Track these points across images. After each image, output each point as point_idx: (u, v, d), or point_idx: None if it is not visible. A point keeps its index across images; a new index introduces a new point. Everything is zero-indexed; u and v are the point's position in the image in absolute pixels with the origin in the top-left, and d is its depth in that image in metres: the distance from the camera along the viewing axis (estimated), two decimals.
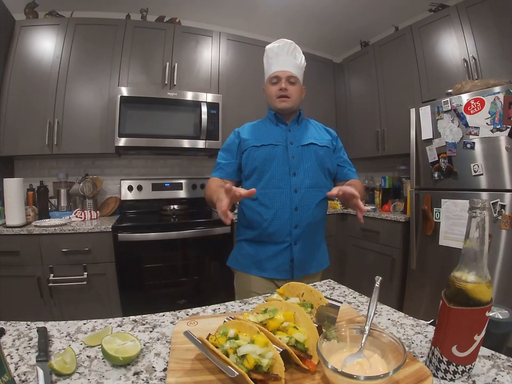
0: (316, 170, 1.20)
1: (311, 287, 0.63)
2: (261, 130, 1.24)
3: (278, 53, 1.21)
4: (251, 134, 1.24)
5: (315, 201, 1.19)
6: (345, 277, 2.71)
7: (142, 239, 1.97)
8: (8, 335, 0.59)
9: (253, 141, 1.21)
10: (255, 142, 1.21)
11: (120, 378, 0.47)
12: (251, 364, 0.44)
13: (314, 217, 1.19)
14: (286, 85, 1.18)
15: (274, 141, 1.20)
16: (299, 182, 1.17)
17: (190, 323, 0.62)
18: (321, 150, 1.22)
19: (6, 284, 1.77)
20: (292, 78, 1.20)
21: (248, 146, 1.21)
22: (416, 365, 0.47)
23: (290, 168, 1.17)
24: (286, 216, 1.15)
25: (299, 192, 1.16)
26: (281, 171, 1.17)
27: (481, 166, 1.75)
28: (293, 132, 1.24)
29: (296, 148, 1.20)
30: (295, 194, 1.15)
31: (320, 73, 3.04)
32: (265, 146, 1.19)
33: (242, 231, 1.27)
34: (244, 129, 1.28)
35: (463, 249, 0.45)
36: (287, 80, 1.19)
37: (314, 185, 1.19)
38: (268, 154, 1.18)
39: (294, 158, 1.18)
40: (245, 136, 1.24)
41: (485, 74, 1.95)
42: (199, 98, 2.38)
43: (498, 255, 1.68)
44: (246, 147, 1.22)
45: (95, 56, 2.26)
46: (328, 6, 2.57)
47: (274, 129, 1.24)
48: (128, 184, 2.53)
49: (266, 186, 1.17)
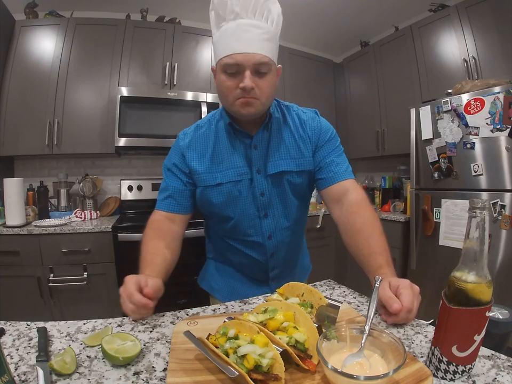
0: (293, 206, 0.92)
1: (311, 287, 0.63)
2: (214, 152, 0.87)
3: (238, 13, 0.73)
4: (200, 160, 0.87)
5: (294, 240, 0.97)
6: (345, 277, 2.71)
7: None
8: (8, 335, 0.59)
9: (205, 175, 0.86)
10: (208, 178, 0.86)
11: (120, 378, 0.47)
12: (251, 364, 0.44)
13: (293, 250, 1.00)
14: (253, 80, 0.75)
15: (235, 173, 0.86)
16: (273, 225, 0.90)
17: (190, 323, 0.62)
18: (299, 178, 0.89)
19: (6, 283, 1.77)
20: (263, 67, 0.75)
21: (200, 184, 0.87)
22: (416, 365, 0.47)
23: (260, 209, 0.88)
24: (260, 264, 0.94)
25: (274, 238, 0.91)
26: (248, 215, 0.88)
27: (481, 166, 1.75)
28: (260, 148, 0.87)
29: (265, 179, 0.87)
30: (269, 241, 0.91)
31: (320, 73, 3.04)
32: (223, 185, 0.86)
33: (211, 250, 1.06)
34: (190, 149, 0.88)
35: (463, 249, 0.45)
36: (254, 69, 0.75)
37: (292, 224, 0.93)
38: (228, 196, 0.86)
39: (264, 196, 0.87)
40: (193, 165, 0.87)
41: (485, 74, 1.95)
42: (199, 98, 2.37)
43: (498, 255, 1.68)
44: (197, 183, 0.88)
45: (95, 56, 2.26)
46: (328, 6, 2.57)
47: (232, 147, 0.87)
48: (128, 184, 2.52)
49: (232, 234, 0.92)
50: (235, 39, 0.74)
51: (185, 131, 0.94)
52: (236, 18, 0.74)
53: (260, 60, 0.74)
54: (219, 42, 0.77)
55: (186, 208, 0.90)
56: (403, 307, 0.58)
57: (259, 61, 0.74)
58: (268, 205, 0.89)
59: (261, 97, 0.78)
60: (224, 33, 0.76)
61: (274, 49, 0.79)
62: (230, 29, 0.75)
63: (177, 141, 0.92)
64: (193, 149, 0.89)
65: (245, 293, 0.93)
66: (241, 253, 0.94)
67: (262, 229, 0.90)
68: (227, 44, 0.75)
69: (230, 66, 0.75)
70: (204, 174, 0.87)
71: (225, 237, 0.95)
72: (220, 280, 1.01)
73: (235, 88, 0.76)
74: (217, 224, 0.95)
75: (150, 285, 0.67)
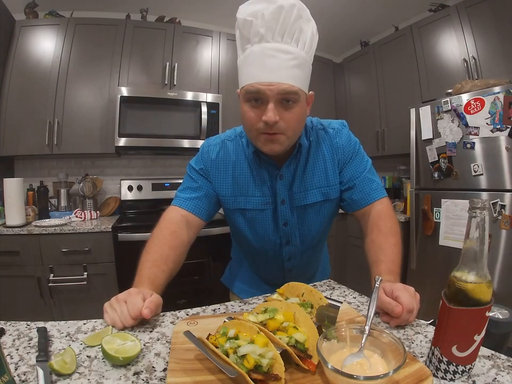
0: (316, 233, 0.89)
1: (311, 287, 0.63)
2: (238, 175, 0.83)
3: (263, 35, 0.64)
4: (223, 182, 0.84)
5: (314, 257, 0.97)
6: (345, 277, 2.71)
7: (142, 239, 1.95)
8: (8, 335, 0.59)
9: (228, 198, 0.84)
10: (231, 202, 0.84)
11: (120, 378, 0.47)
12: (251, 364, 0.43)
13: (312, 263, 1.00)
14: (277, 113, 0.66)
15: (259, 202, 0.83)
16: (293, 250, 0.89)
17: (190, 323, 0.62)
18: (325, 207, 0.85)
19: (6, 283, 1.77)
20: (290, 97, 0.67)
21: (223, 206, 0.88)
22: (416, 365, 0.47)
23: (282, 237, 0.86)
24: (276, 274, 0.95)
25: (293, 259, 0.91)
26: (269, 241, 0.87)
27: (481, 166, 1.75)
28: (286, 179, 0.81)
29: (290, 210, 0.83)
30: (288, 262, 0.91)
31: (320, 73, 3.04)
32: (246, 211, 0.84)
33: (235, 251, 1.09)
34: (213, 167, 0.85)
35: (463, 249, 0.45)
36: (278, 100, 0.66)
37: (314, 246, 0.92)
38: (250, 221, 0.85)
39: (287, 226, 0.84)
40: (217, 186, 0.85)
41: (485, 74, 1.95)
42: (199, 98, 2.38)
43: (498, 255, 1.68)
44: (221, 202, 0.88)
45: (95, 56, 2.26)
46: (328, 6, 2.57)
47: (257, 174, 0.82)
48: (128, 184, 2.53)
49: (250, 254, 0.94)
50: (258, 66, 0.65)
51: (210, 142, 0.88)
52: (260, 41, 0.65)
53: (286, 90, 0.65)
54: (243, 67, 0.70)
55: (207, 215, 0.86)
56: (403, 308, 0.59)
57: (285, 90, 0.65)
58: (290, 234, 0.86)
59: (286, 131, 0.69)
60: (248, 58, 0.67)
61: (305, 76, 0.70)
62: (254, 53, 0.66)
63: (202, 153, 0.87)
64: (217, 168, 0.85)
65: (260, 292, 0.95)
66: (259, 263, 0.97)
67: (282, 253, 0.89)
68: (250, 70, 0.67)
69: (252, 95, 0.67)
70: (227, 197, 0.85)
71: (245, 251, 0.98)
72: (240, 280, 1.04)
73: (258, 120, 0.68)
74: (238, 239, 0.96)
75: (153, 299, 0.63)
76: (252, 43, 0.67)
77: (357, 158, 0.86)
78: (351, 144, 0.86)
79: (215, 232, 2.09)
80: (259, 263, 0.98)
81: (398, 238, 0.78)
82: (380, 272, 0.70)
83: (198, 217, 0.84)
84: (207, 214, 0.86)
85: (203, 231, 1.09)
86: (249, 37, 0.67)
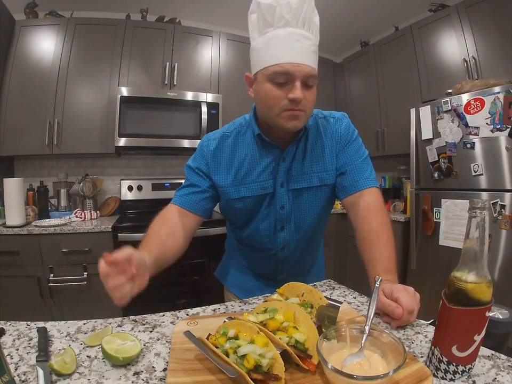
0: (311, 220, 0.90)
1: (311, 287, 0.63)
2: (240, 164, 0.85)
3: (288, 21, 0.70)
4: (225, 174, 0.86)
5: (308, 249, 0.96)
6: (345, 277, 2.71)
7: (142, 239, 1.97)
8: (8, 335, 0.59)
9: (229, 188, 0.86)
10: (231, 192, 0.86)
11: (120, 378, 0.47)
12: (251, 364, 0.44)
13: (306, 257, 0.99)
14: (303, 92, 0.71)
15: (259, 187, 0.85)
16: (287, 237, 0.90)
17: (190, 323, 0.62)
18: (320, 192, 0.87)
19: (6, 284, 1.77)
20: (311, 79, 0.73)
21: (223, 197, 0.88)
22: (416, 365, 0.47)
23: (277, 222, 0.88)
24: (269, 266, 0.96)
25: (287, 249, 0.92)
26: (264, 226, 0.89)
27: (481, 166, 1.75)
28: (288, 161, 0.84)
29: (287, 193, 0.85)
30: (282, 251, 0.92)
31: (320, 73, 2.99)
32: (246, 198, 0.86)
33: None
34: (215, 160, 0.87)
35: (463, 249, 0.45)
36: (303, 81, 0.71)
37: (307, 237, 0.93)
38: (249, 208, 0.87)
39: (284, 209, 0.86)
40: (217, 178, 0.86)
41: (485, 74, 1.95)
42: (199, 98, 2.37)
43: (498, 255, 1.68)
44: (220, 195, 0.89)
45: (95, 56, 2.26)
46: (328, 6, 2.57)
47: (260, 158, 0.84)
48: (128, 184, 2.52)
49: (246, 240, 0.95)
50: (286, 48, 0.70)
51: (209, 136, 0.90)
52: (285, 26, 0.70)
53: (309, 72, 0.71)
54: (264, 49, 0.72)
55: (203, 211, 0.87)
56: (404, 309, 0.59)
57: (309, 73, 0.71)
58: (286, 219, 0.88)
59: (306, 109, 0.75)
60: (271, 41, 0.71)
61: (317, 62, 0.77)
62: (279, 36, 0.70)
63: (201, 147, 0.89)
64: (218, 160, 0.87)
65: (252, 288, 0.98)
66: (252, 255, 0.98)
67: (276, 241, 0.90)
68: (275, 51, 0.70)
69: (279, 75, 0.70)
70: (227, 187, 0.86)
71: (239, 240, 0.98)
72: (231, 273, 1.06)
73: (283, 98, 0.72)
74: (234, 229, 0.99)
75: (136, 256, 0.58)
76: (276, 27, 0.71)
77: (353, 145, 0.88)
78: (349, 132, 0.89)
79: (215, 232, 2.08)
80: (251, 253, 0.98)
81: (389, 232, 0.77)
82: (377, 272, 0.70)
83: (192, 212, 0.85)
84: (202, 210, 0.87)
85: (203, 231, 1.09)
86: (273, 22, 0.70)
